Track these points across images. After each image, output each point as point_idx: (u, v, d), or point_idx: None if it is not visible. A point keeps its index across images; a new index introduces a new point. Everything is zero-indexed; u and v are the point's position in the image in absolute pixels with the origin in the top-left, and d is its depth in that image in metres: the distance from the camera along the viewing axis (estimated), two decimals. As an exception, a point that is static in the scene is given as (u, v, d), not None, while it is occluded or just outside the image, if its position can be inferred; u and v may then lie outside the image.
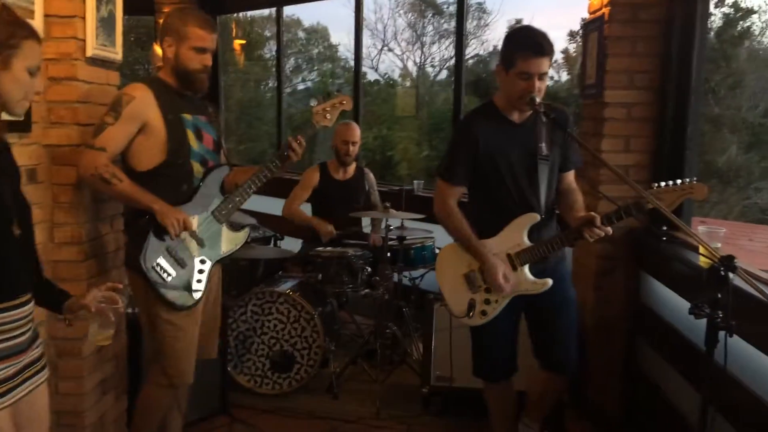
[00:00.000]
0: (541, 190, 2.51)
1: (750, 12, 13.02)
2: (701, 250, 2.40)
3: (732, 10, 13.05)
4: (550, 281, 2.51)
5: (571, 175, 2.67)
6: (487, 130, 2.50)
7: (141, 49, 13.67)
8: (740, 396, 2.18)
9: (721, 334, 1.79)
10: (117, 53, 2.75)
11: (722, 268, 1.77)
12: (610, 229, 2.38)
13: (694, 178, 2.31)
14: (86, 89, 2.57)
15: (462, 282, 2.57)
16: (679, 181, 2.30)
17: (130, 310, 3.05)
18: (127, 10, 2.89)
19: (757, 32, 13.17)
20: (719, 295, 1.78)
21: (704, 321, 1.80)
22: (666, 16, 3.10)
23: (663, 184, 2.30)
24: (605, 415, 3.31)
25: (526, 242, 2.50)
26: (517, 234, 2.50)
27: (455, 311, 2.59)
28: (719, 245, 2.54)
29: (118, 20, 2.73)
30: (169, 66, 2.46)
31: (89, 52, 2.54)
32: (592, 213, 2.40)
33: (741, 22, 13.10)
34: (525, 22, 14.49)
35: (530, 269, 2.52)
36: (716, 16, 12.99)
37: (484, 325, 2.57)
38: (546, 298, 2.55)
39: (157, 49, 6.18)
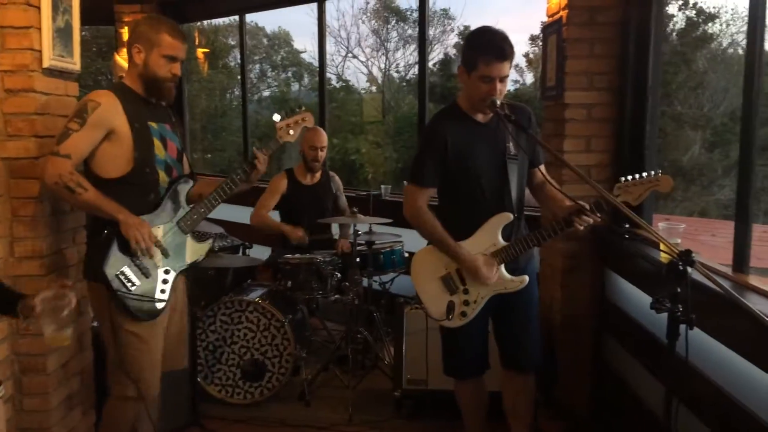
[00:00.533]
0: (512, 189, 2.54)
1: (712, 17, 13.36)
2: (662, 246, 2.45)
3: (694, 13, 13.38)
4: (527, 278, 2.55)
5: (542, 169, 2.68)
6: (454, 130, 2.52)
7: (103, 59, 13.49)
8: (702, 387, 2.23)
9: (682, 327, 1.83)
10: (75, 63, 2.71)
11: (680, 263, 1.81)
12: (599, 217, 2.38)
13: (659, 171, 2.34)
14: (44, 100, 2.54)
15: (439, 285, 2.57)
16: (645, 174, 2.33)
17: (95, 324, 3.01)
18: (86, 21, 2.86)
19: (717, 35, 13.51)
20: (679, 290, 1.82)
21: (666, 315, 1.84)
22: (622, 18, 3.17)
23: (630, 177, 2.34)
24: (575, 413, 3.36)
25: (501, 242, 2.51)
26: (491, 234, 2.52)
27: (434, 314, 2.59)
28: (679, 241, 2.60)
29: (75, 30, 2.70)
30: (136, 73, 2.44)
31: (46, 63, 2.51)
32: (581, 202, 2.39)
33: (703, 26, 13.43)
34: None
35: (505, 268, 2.54)
36: (679, 19, 13.32)
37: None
38: (515, 298, 2.58)
39: (118, 59, 6.17)
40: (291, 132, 2.63)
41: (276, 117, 2.66)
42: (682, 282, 1.81)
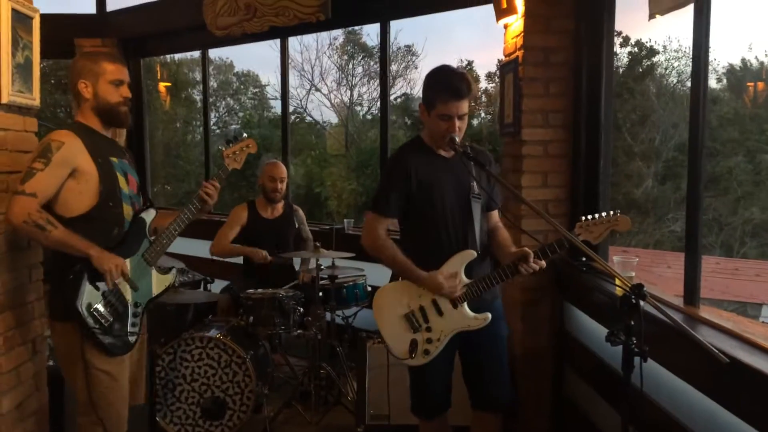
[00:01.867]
0: (476, 226, 2.57)
1: (653, 52, 13.91)
2: (616, 280, 2.52)
3: (636, 49, 13.92)
4: (489, 315, 2.54)
5: (496, 214, 2.73)
6: (419, 163, 2.55)
7: (63, 92, 13.34)
8: (658, 417, 2.29)
9: (636, 359, 1.88)
10: (34, 99, 2.70)
11: (633, 297, 1.87)
12: (544, 263, 2.44)
13: (618, 211, 2.42)
14: (2, 136, 2.51)
15: (402, 323, 2.57)
16: (604, 214, 2.40)
17: (51, 363, 2.95)
18: (46, 54, 2.86)
19: (661, 70, 14.04)
20: (632, 323, 1.89)
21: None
22: (575, 58, 3.29)
23: (590, 217, 2.41)
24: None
25: (465, 279, 2.52)
26: (455, 271, 2.53)
27: (397, 353, 2.58)
28: (633, 274, 2.69)
29: (35, 66, 2.69)
30: (89, 107, 2.46)
31: (5, 99, 2.49)
32: (525, 248, 2.46)
33: (645, 61, 13.97)
34: (449, 62, 14.99)
35: (468, 306, 2.54)
36: (623, 55, 13.84)
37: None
38: (480, 336, 2.58)
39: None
40: (237, 159, 2.75)
41: (222, 146, 2.80)
42: (635, 315, 1.88)
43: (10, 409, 2.54)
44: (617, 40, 13.65)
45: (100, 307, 2.37)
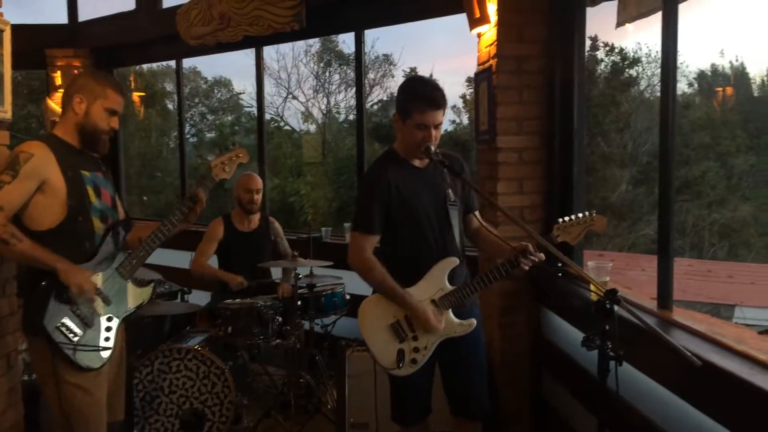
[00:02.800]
0: (455, 234, 2.58)
1: (636, 61, 14.13)
2: (591, 285, 2.55)
3: (619, 58, 14.12)
4: (474, 321, 2.56)
5: (477, 215, 2.73)
6: (396, 175, 2.55)
7: (34, 104, 13.16)
8: (634, 419, 2.32)
9: (612, 363, 1.91)
10: (6, 112, 2.68)
11: (607, 302, 1.90)
12: (543, 255, 2.43)
13: (594, 211, 2.45)
14: (-26, 150, 2.48)
15: (388, 333, 2.55)
16: (581, 215, 2.43)
17: (26, 377, 2.91)
18: (17, 65, 2.83)
19: (641, 78, 14.27)
20: (607, 327, 1.91)
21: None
22: (548, 66, 3.34)
23: (567, 218, 2.43)
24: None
25: (449, 286, 2.53)
26: (438, 279, 2.53)
27: (384, 363, 2.56)
28: (607, 279, 2.72)
29: (6, 79, 2.67)
30: (74, 122, 2.44)
31: (-24, 112, 2.46)
32: (524, 243, 2.45)
33: (627, 70, 14.17)
34: (425, 69, 15.11)
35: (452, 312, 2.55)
36: (606, 63, 14.04)
37: None
38: (462, 344, 2.59)
39: (51, 104, 6.05)
40: (226, 169, 2.68)
41: (210, 156, 2.71)
42: (610, 320, 1.90)
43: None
44: (603, 48, 13.86)
45: (69, 322, 2.33)
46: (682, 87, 14.62)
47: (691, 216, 12.93)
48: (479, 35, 3.58)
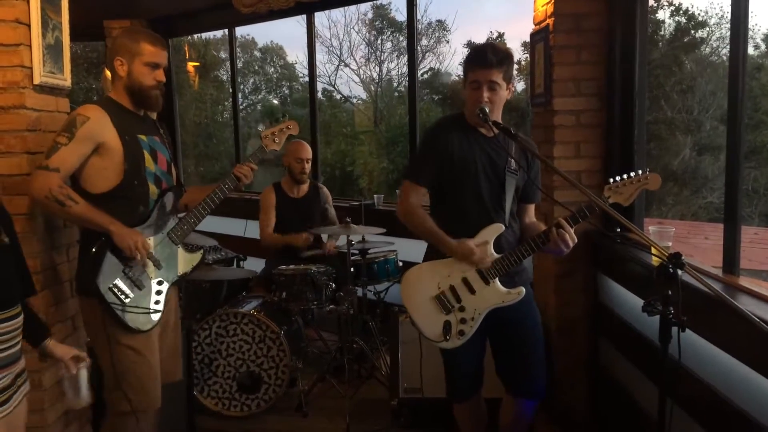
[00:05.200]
0: (507, 201, 2.52)
1: (702, 23, 13.46)
2: (652, 249, 2.46)
3: (685, 19, 13.48)
4: (523, 290, 2.48)
5: (532, 209, 2.68)
6: (456, 135, 2.50)
7: (93, 75, 13.51)
8: (696, 388, 2.25)
9: (674, 329, 1.84)
10: (66, 80, 2.73)
11: (671, 266, 1.82)
12: (574, 237, 2.35)
13: (647, 170, 2.34)
14: (35, 117, 2.55)
15: (433, 305, 2.50)
16: (633, 174, 2.32)
17: (88, 339, 3.01)
18: (76, 37, 2.88)
19: (709, 39, 13.60)
20: (669, 292, 1.84)
21: (658, 318, 1.86)
22: (607, 24, 3.20)
23: (618, 178, 2.33)
24: (573, 417, 3.37)
25: (494, 254, 2.47)
26: (485, 240, 2.47)
27: (431, 336, 2.52)
28: (669, 244, 2.62)
29: (65, 47, 2.71)
30: (122, 85, 2.45)
31: (37, 80, 2.52)
32: (558, 218, 2.39)
33: (693, 32, 13.53)
34: (481, 36, 14.84)
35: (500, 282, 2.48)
36: (669, 24, 13.44)
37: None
38: (517, 322, 2.54)
39: (108, 74, 6.15)
40: (276, 140, 2.71)
41: (261, 126, 2.72)
42: (673, 285, 1.83)
43: (51, 384, 2.61)
44: (668, 8, 13.26)
45: (121, 284, 2.38)
46: (750, 49, 13.87)
47: (760, 184, 12.36)
48: (535, -7, 3.46)
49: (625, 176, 2.33)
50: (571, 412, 3.38)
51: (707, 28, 13.51)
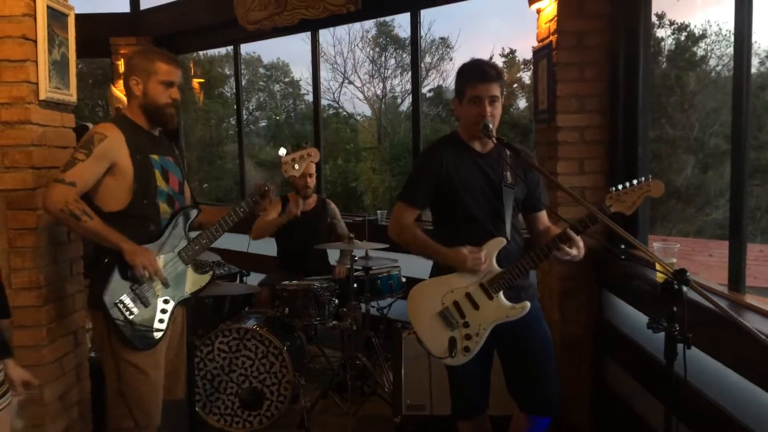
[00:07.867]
0: (506, 216, 2.51)
1: (701, 37, 13.50)
2: (657, 266, 2.45)
3: (685, 35, 13.53)
4: (528, 304, 2.45)
5: (545, 216, 2.66)
6: (450, 156, 2.51)
7: (99, 91, 13.60)
8: (702, 405, 2.23)
9: (680, 346, 1.83)
10: (71, 95, 2.74)
11: (676, 282, 1.81)
12: (580, 242, 2.34)
13: (650, 176, 2.31)
14: (41, 132, 2.56)
15: (438, 321, 2.49)
16: (635, 181, 2.29)
17: (93, 354, 3.00)
18: (82, 53, 2.90)
19: (709, 58, 13.62)
20: (675, 309, 1.83)
21: (663, 335, 1.85)
22: (610, 42, 3.22)
23: (620, 186, 2.29)
24: (577, 434, 3.34)
25: (497, 268, 2.44)
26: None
27: (436, 353, 2.49)
28: (674, 260, 2.61)
29: (71, 63, 2.74)
30: (137, 104, 2.48)
31: (42, 95, 2.54)
32: (568, 219, 2.36)
33: (693, 48, 13.58)
34: (483, 53, 14.90)
35: (504, 296, 2.46)
36: (668, 43, 13.47)
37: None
38: (528, 338, 2.52)
39: (115, 91, 6.21)
40: (296, 167, 2.66)
41: (282, 151, 2.69)
42: (678, 301, 1.81)
43: (53, 400, 2.60)
44: (669, 27, 13.31)
45: (127, 300, 2.39)
46: (753, 66, 13.87)
47: (763, 201, 12.33)
48: (538, 11, 3.48)
49: (627, 184, 2.30)
50: (576, 430, 3.35)
51: (705, 44, 13.55)
